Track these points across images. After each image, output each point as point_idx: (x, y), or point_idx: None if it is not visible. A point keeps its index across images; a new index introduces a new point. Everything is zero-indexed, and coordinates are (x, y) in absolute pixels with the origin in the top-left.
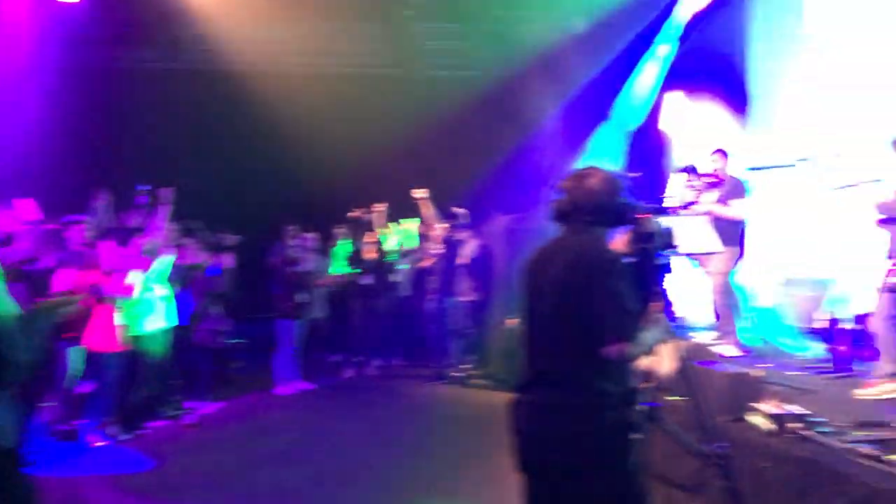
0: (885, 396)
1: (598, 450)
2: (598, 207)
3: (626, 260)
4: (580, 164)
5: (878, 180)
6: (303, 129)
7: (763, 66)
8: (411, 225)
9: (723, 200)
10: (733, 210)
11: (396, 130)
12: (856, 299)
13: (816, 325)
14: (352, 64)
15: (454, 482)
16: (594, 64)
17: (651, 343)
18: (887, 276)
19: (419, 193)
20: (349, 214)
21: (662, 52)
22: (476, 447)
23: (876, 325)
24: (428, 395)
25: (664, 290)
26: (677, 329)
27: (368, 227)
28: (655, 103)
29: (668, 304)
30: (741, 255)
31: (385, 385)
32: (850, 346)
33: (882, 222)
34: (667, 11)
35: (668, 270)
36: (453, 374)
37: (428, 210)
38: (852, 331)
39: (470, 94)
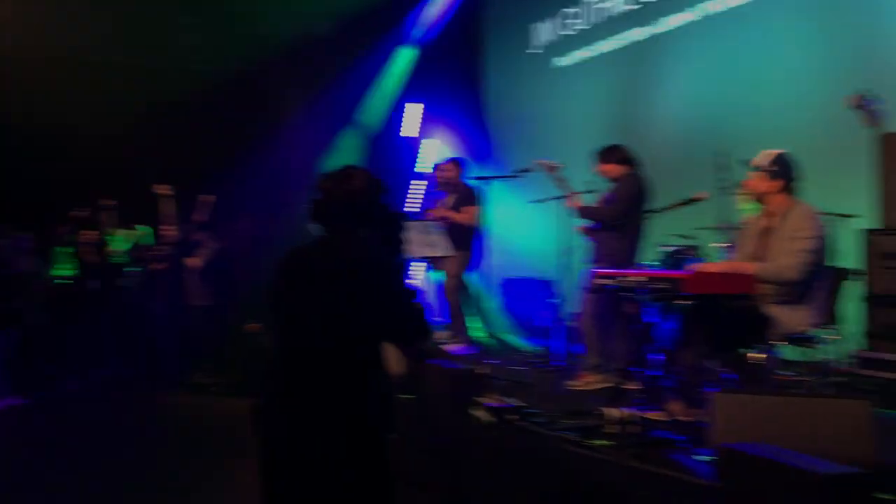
0: (591, 387)
1: (355, 451)
2: (363, 209)
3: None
4: (327, 165)
5: (589, 191)
6: (23, 117)
7: (497, 82)
8: (143, 227)
9: (456, 207)
10: (465, 216)
11: (133, 123)
12: (571, 299)
13: (538, 322)
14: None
15: (189, 494)
16: (339, 66)
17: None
18: (593, 279)
19: (161, 190)
20: (72, 213)
21: (404, 59)
22: (214, 457)
23: (581, 322)
24: (160, 405)
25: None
26: None
27: (94, 226)
28: (397, 110)
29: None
30: (473, 258)
31: (112, 397)
32: (566, 341)
33: (588, 229)
34: (409, 21)
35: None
36: (187, 381)
37: (168, 208)
38: (568, 328)
39: (215, 90)
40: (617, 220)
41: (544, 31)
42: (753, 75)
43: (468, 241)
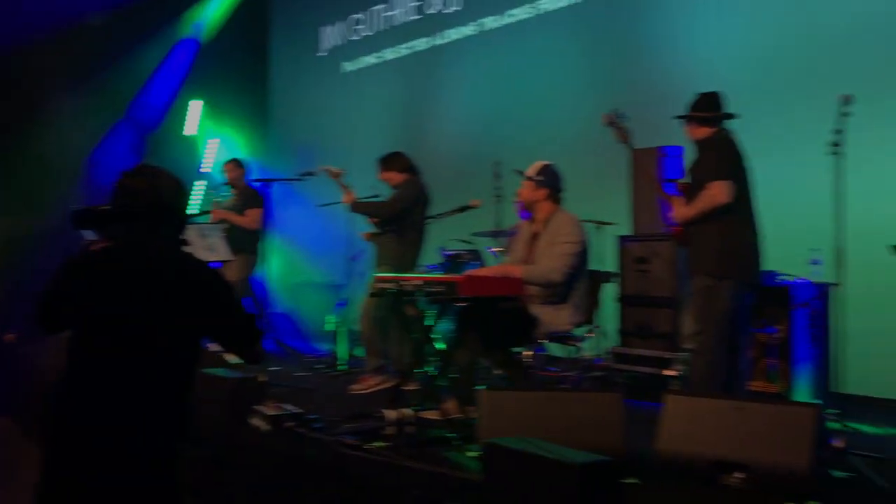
0: (372, 390)
1: (157, 473)
2: (170, 210)
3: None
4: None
5: (375, 196)
6: None
7: (283, 83)
8: None
9: (239, 209)
10: (248, 219)
11: None
12: (356, 304)
13: (326, 327)
14: None
15: None
16: (113, 59)
17: None
18: (374, 283)
19: None
20: None
21: (185, 55)
22: None
23: (362, 325)
24: None
25: None
26: None
27: None
28: (178, 107)
29: None
30: (257, 262)
31: None
32: (350, 346)
33: (371, 235)
34: (190, 15)
35: None
36: None
37: None
38: (352, 332)
39: None
40: (388, 215)
41: (333, 35)
42: (526, 89)
43: (252, 244)
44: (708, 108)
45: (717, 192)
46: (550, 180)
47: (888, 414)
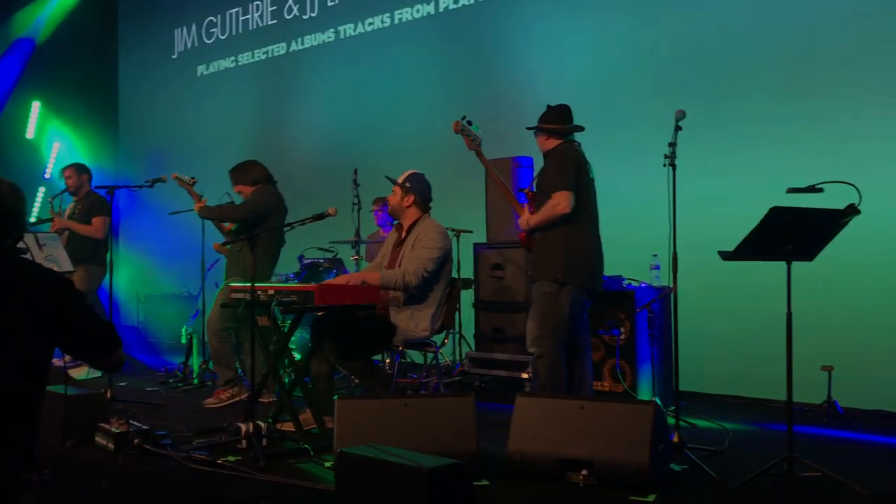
0: (226, 403)
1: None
2: (10, 218)
3: None
4: None
5: (229, 203)
6: None
7: (132, 85)
8: None
9: (81, 217)
10: (92, 228)
11: None
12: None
13: (180, 340)
14: None
15: None
16: None
17: None
18: (228, 293)
19: None
20: None
21: (18, 56)
22: None
23: (210, 338)
24: None
25: None
26: None
27: None
28: (18, 110)
29: None
30: (104, 273)
31: None
32: (203, 359)
33: (222, 246)
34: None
35: None
36: None
37: None
38: (205, 345)
39: None
40: (237, 219)
41: (187, 38)
42: (384, 98)
43: (96, 253)
44: (557, 121)
45: (559, 203)
46: (417, 187)
47: (721, 409)
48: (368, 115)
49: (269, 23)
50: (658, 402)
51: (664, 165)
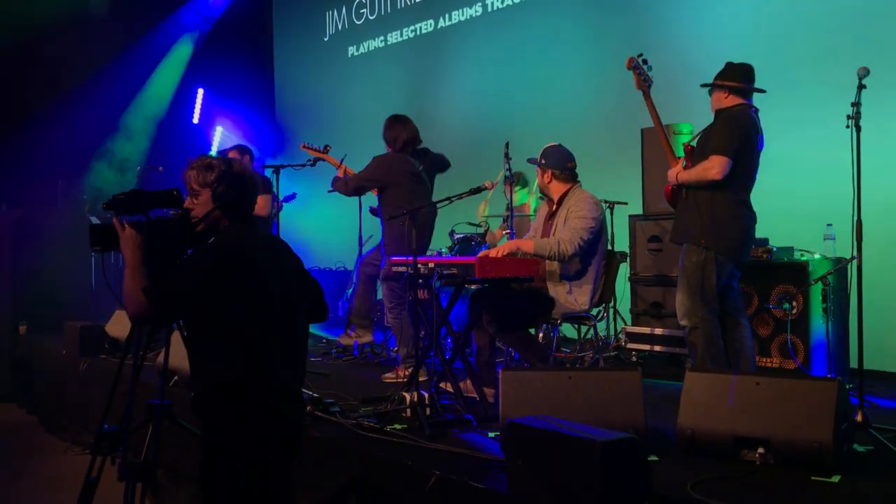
0: (403, 379)
1: None
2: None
3: None
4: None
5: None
6: None
7: (288, 69)
8: None
9: None
10: (257, 205)
11: None
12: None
13: (336, 313)
14: None
15: None
16: (119, 47)
17: None
18: (388, 267)
19: None
20: None
21: (189, 43)
22: None
23: (390, 314)
24: None
25: None
26: None
27: None
28: (185, 95)
29: None
30: None
31: None
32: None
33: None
34: (195, 4)
35: None
36: None
37: None
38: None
39: None
40: (349, 191)
41: (337, 20)
42: (534, 70)
43: (265, 229)
44: (737, 79)
45: (713, 167)
46: (552, 160)
47: None
48: (518, 87)
49: (416, 1)
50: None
51: (847, 127)
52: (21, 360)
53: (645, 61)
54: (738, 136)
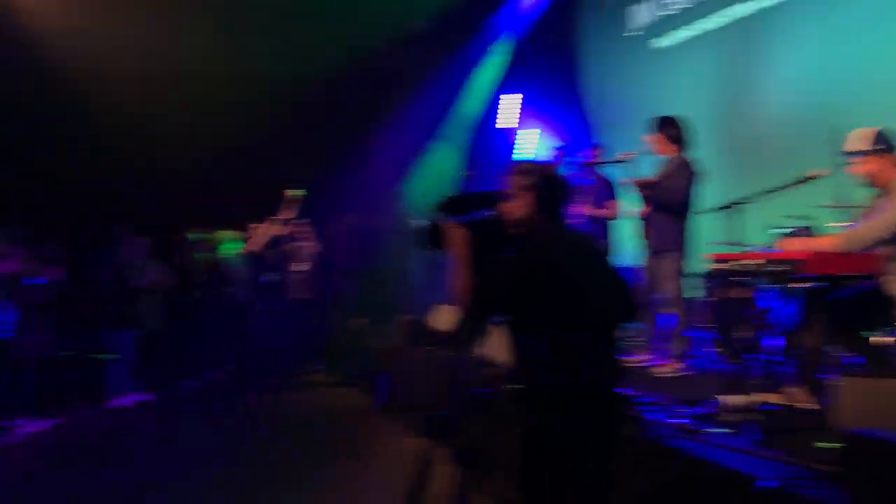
0: (674, 374)
1: None
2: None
3: None
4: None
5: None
6: (133, 132)
7: (594, 67)
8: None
9: (597, 202)
10: (609, 211)
11: (229, 131)
12: None
13: None
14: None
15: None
16: (433, 61)
17: None
18: (706, 262)
19: (293, 193)
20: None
21: (500, 50)
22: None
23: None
24: (276, 401)
25: None
26: None
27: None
28: (493, 102)
29: None
30: None
31: (231, 393)
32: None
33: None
34: (505, 11)
35: None
36: (300, 378)
37: (290, 210)
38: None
39: (307, 94)
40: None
41: (642, 13)
42: (866, 49)
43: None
44: None
45: None
46: (890, 146)
47: None
48: (847, 69)
49: None
50: None
51: None
52: (361, 350)
53: None
54: None
